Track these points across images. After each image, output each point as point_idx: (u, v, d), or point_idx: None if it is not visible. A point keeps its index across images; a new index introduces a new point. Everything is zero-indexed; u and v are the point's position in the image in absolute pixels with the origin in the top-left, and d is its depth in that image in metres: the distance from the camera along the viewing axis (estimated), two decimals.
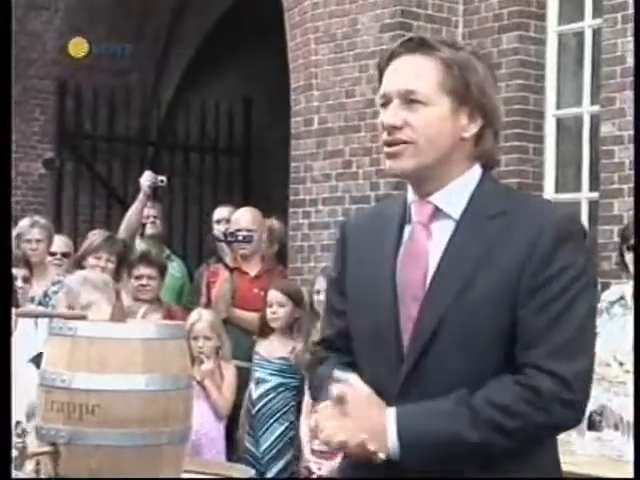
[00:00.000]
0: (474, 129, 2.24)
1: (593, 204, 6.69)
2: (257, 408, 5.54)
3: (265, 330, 5.68)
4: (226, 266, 6.20)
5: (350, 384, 2.21)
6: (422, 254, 2.23)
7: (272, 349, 5.62)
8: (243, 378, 5.67)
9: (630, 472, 3.03)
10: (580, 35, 7.00)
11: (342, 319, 2.37)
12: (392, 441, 2.13)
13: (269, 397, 5.51)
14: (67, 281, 4.27)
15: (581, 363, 2.14)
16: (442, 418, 2.12)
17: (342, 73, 7.20)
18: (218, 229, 6.77)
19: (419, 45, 2.26)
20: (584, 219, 6.83)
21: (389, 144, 2.23)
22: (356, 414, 2.16)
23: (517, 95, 6.95)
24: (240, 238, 6.18)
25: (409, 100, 2.21)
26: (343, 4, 7.34)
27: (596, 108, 6.66)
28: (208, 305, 6.09)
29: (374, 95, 6.99)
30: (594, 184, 6.68)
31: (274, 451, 5.48)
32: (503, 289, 2.14)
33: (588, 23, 6.90)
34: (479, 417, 2.10)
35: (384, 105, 2.27)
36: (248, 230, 6.23)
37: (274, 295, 5.65)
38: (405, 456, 2.12)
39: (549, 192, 7.04)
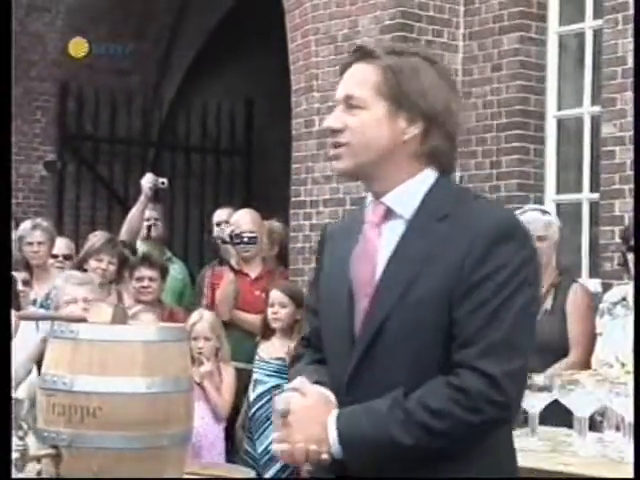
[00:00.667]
0: (414, 131, 2.31)
1: (594, 205, 6.69)
2: (254, 409, 5.54)
3: (267, 332, 5.68)
4: (231, 268, 6.20)
5: (298, 390, 2.29)
6: (372, 252, 2.33)
7: (273, 350, 5.63)
8: (244, 380, 5.67)
9: (630, 472, 3.03)
10: (581, 36, 7.00)
11: (317, 318, 2.47)
12: (333, 442, 2.22)
13: (266, 398, 5.50)
14: (55, 281, 4.35)
15: (514, 363, 2.18)
16: (377, 420, 2.20)
17: None
18: (218, 231, 6.77)
19: (363, 54, 2.37)
20: (585, 220, 6.83)
21: (332, 146, 2.36)
22: (298, 422, 2.25)
23: (518, 96, 6.95)
24: (245, 240, 6.19)
25: (350, 105, 2.34)
26: (344, 6, 7.34)
27: (597, 109, 6.66)
28: (211, 307, 6.09)
29: None
30: (595, 185, 6.68)
31: (271, 452, 5.47)
32: (443, 289, 2.22)
33: (589, 24, 6.90)
34: (411, 420, 2.17)
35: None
36: (251, 231, 6.24)
37: (276, 295, 5.65)
38: (347, 457, 2.22)
39: (550, 193, 7.04)
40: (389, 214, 2.34)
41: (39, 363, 3.24)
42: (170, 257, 7.37)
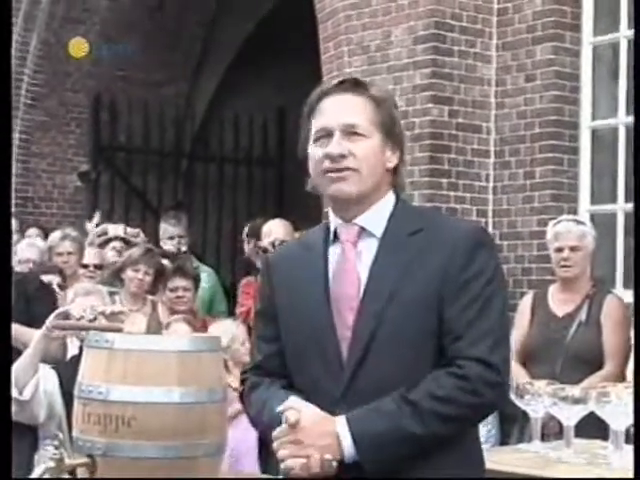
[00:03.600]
0: (395, 160, 2.54)
1: (629, 216, 6.65)
2: None
3: None
4: None
5: (296, 407, 2.39)
6: (353, 269, 2.51)
7: None
8: None
9: None
10: (615, 46, 6.96)
11: (273, 345, 2.59)
12: (347, 446, 2.36)
13: None
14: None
15: (502, 350, 2.44)
16: (388, 417, 2.36)
17: None
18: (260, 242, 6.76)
19: (354, 85, 2.54)
20: (620, 230, 6.79)
21: (334, 171, 2.49)
22: (309, 436, 2.36)
23: (552, 106, 6.92)
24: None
25: (350, 133, 2.49)
26: (376, 16, 7.34)
27: (631, 119, 6.62)
28: (246, 316, 6.10)
29: (407, 107, 7.08)
30: (630, 195, 6.63)
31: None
32: (428, 294, 2.43)
33: (623, 34, 6.86)
34: (420, 410, 2.36)
35: (320, 138, 2.53)
36: (282, 241, 6.24)
37: None
38: (362, 457, 2.35)
39: (584, 204, 7.00)
40: (362, 234, 2.53)
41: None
42: (198, 266, 7.39)
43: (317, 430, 2.36)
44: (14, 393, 3.49)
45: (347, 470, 2.36)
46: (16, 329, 4.44)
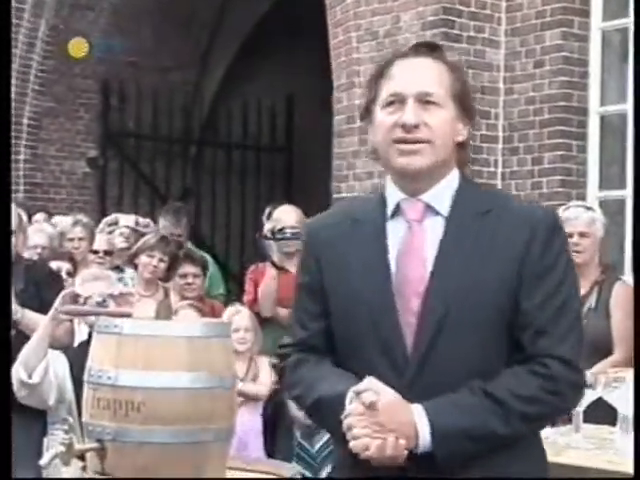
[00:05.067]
0: (465, 134, 2.39)
1: (638, 201, 6.63)
2: None
3: None
4: (273, 264, 6.21)
5: (375, 389, 2.23)
6: (419, 250, 2.32)
7: None
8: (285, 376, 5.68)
9: None
10: (624, 31, 6.94)
11: (319, 321, 2.41)
12: (424, 437, 2.22)
13: None
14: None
15: (580, 347, 2.31)
16: (472, 413, 2.23)
17: None
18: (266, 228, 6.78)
19: (432, 50, 2.38)
20: (628, 217, 6.78)
21: (406, 141, 2.31)
22: (388, 418, 2.21)
23: (560, 92, 6.90)
24: (288, 235, 6.19)
25: (425, 101, 2.31)
26: (385, 2, 7.33)
27: None
28: (253, 303, 6.12)
29: None
30: (638, 181, 6.61)
31: (327, 450, 5.51)
32: (503, 280, 2.27)
33: (632, 19, 6.83)
34: (507, 410, 2.23)
35: (390, 104, 2.33)
36: (293, 227, 6.24)
37: None
38: (438, 450, 2.22)
39: (593, 190, 7.00)
40: (427, 211, 2.35)
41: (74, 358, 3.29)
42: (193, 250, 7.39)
43: (395, 416, 2.22)
44: (23, 377, 3.50)
45: (414, 459, 2.23)
46: (27, 315, 4.45)
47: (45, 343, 3.54)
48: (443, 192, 2.36)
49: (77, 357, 3.37)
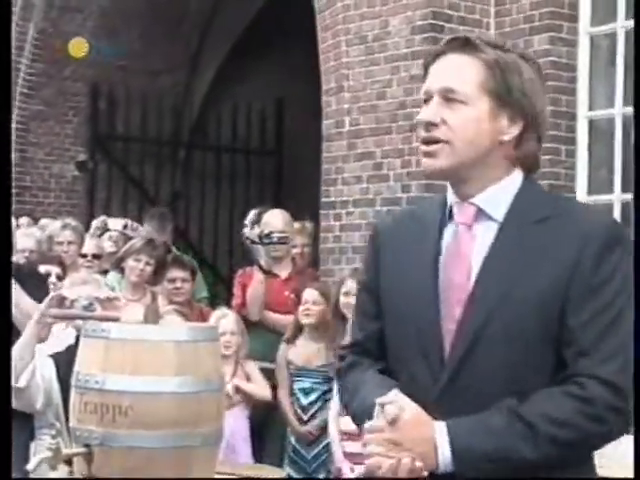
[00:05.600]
0: (514, 132, 2.25)
1: (626, 206, 6.66)
2: (309, 415, 5.60)
3: (296, 334, 5.71)
4: (260, 268, 6.21)
5: (399, 403, 2.14)
6: (466, 255, 2.23)
7: (312, 358, 5.66)
8: (273, 381, 5.69)
9: None
10: (612, 36, 6.96)
11: (375, 323, 2.34)
12: (444, 457, 2.11)
13: (318, 405, 5.58)
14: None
15: (630, 369, 2.13)
16: (498, 436, 2.10)
17: (373, 75, 7.20)
18: (248, 232, 6.79)
19: (463, 45, 2.27)
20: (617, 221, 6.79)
21: (426, 142, 2.23)
22: (406, 437, 2.12)
23: (549, 97, 6.86)
24: (275, 239, 6.20)
25: (448, 98, 2.22)
26: (374, 6, 7.34)
27: (629, 109, 6.62)
28: (241, 308, 6.12)
29: (406, 97, 7.08)
30: (627, 185, 6.64)
31: (323, 457, 5.53)
32: (551, 293, 2.14)
33: (620, 24, 6.86)
34: (536, 433, 2.09)
35: (425, 102, 2.26)
36: (281, 232, 6.24)
37: (310, 293, 5.68)
38: (460, 471, 2.11)
39: (581, 194, 7.01)
40: (479, 215, 2.25)
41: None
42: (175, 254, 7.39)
43: (415, 434, 2.12)
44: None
45: (435, 478, 2.12)
46: (21, 299, 4.44)
47: (32, 347, 3.53)
48: (498, 196, 2.24)
49: (64, 361, 3.36)
